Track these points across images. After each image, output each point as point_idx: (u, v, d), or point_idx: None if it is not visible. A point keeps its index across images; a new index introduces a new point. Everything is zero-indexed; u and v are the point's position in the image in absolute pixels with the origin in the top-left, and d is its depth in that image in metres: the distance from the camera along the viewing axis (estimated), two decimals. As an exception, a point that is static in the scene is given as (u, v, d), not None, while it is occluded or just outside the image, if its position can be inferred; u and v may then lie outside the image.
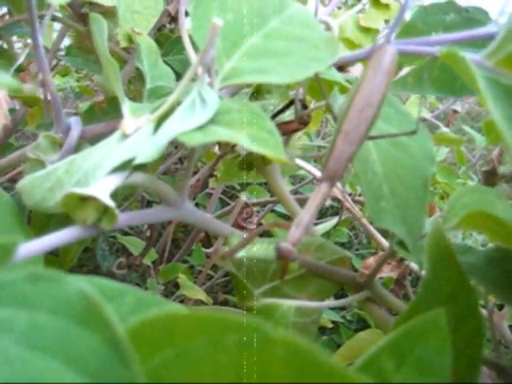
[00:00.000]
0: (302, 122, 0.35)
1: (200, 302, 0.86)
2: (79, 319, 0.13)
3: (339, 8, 0.94)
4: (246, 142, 0.21)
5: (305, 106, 0.36)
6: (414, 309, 0.25)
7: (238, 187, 1.10)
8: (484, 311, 0.39)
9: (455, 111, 1.01)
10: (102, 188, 0.22)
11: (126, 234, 1.00)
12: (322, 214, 1.17)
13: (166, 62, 0.58)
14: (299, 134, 0.41)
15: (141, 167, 0.23)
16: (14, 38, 0.75)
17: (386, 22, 0.89)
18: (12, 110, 0.69)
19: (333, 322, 0.92)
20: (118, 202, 0.30)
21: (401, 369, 0.20)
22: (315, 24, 0.29)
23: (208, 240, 1.03)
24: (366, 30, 0.92)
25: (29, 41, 0.69)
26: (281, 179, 0.36)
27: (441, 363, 0.20)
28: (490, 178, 0.35)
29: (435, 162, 0.32)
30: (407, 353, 0.20)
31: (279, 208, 0.97)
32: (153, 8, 0.44)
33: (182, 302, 0.87)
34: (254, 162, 0.35)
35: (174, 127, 0.22)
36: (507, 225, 0.24)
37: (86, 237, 0.23)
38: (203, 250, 0.95)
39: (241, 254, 0.28)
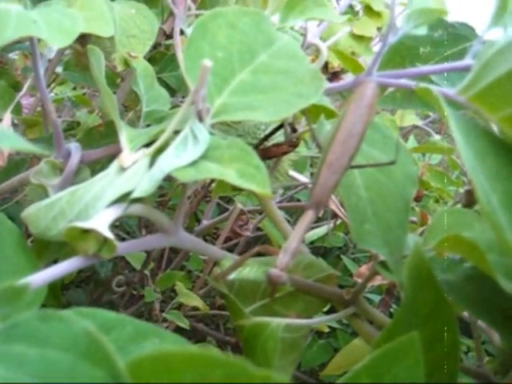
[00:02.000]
0: (292, 145, 0.37)
1: (198, 308, 0.88)
2: (84, 354, 0.15)
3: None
4: (233, 178, 0.23)
5: (294, 130, 0.37)
6: (393, 328, 0.26)
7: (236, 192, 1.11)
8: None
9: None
10: (102, 220, 0.24)
11: (123, 239, 1.01)
12: (318, 219, 1.19)
13: (161, 79, 0.60)
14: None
15: (140, 198, 0.25)
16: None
17: (379, 29, 0.91)
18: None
19: (329, 327, 0.93)
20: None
21: (378, 386, 0.21)
22: (301, 56, 0.31)
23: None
24: (360, 38, 0.94)
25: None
26: (271, 200, 0.38)
27: (415, 382, 0.22)
28: (471, 197, 0.37)
29: (417, 184, 0.33)
30: (384, 373, 0.21)
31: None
32: (148, 32, 0.46)
33: (179, 308, 0.89)
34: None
35: (168, 163, 0.24)
36: (479, 249, 0.26)
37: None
38: (200, 255, 0.96)
39: (232, 276, 0.30)
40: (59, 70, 0.80)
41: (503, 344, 0.36)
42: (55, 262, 0.31)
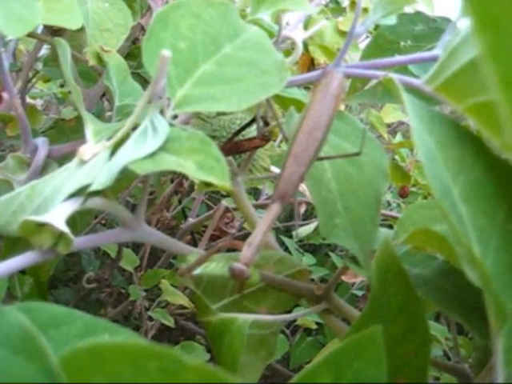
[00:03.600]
0: (264, 139, 0.36)
1: (184, 306, 0.87)
2: (19, 350, 0.14)
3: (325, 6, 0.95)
4: (192, 170, 0.22)
5: (266, 123, 0.37)
6: (361, 324, 0.26)
7: (224, 192, 1.11)
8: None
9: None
10: (58, 214, 0.23)
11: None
12: (308, 216, 1.19)
13: (139, 75, 0.59)
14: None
15: (100, 193, 0.24)
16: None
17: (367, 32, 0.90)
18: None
19: (317, 324, 0.93)
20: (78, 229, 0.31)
21: (339, 383, 0.21)
22: (269, 48, 0.30)
23: (194, 241, 1.04)
24: (345, 34, 0.94)
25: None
26: (245, 195, 0.37)
27: (377, 377, 0.21)
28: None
29: (388, 177, 0.33)
30: (345, 367, 0.21)
31: (261, 212, 0.98)
32: (122, 26, 0.45)
33: (165, 306, 0.88)
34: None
35: (126, 155, 0.23)
36: (448, 242, 0.26)
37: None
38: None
39: (198, 271, 0.29)
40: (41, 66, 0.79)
41: (476, 339, 0.36)
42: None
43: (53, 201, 0.25)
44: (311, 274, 0.34)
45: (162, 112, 0.25)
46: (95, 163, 0.25)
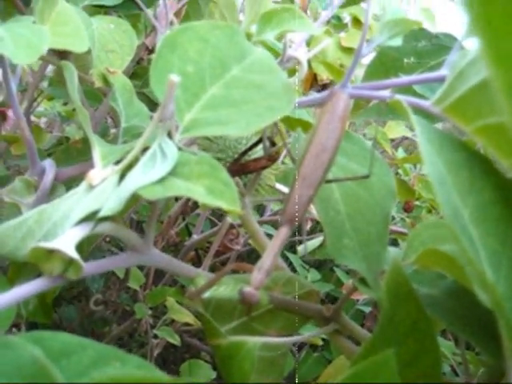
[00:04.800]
0: (271, 159, 0.36)
1: (190, 323, 0.87)
2: (31, 382, 0.14)
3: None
4: (202, 195, 0.22)
5: (273, 144, 0.37)
6: (372, 346, 0.26)
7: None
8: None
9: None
10: (67, 240, 0.23)
11: (115, 255, 1.00)
12: (311, 231, 1.18)
13: (144, 94, 0.59)
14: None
15: (108, 218, 0.24)
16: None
17: (368, 41, 0.91)
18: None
19: (323, 340, 0.92)
20: (85, 254, 0.31)
21: (352, 409, 0.21)
22: (275, 69, 0.30)
23: (198, 258, 1.04)
24: (348, 50, 0.94)
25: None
26: (251, 215, 0.37)
27: (390, 403, 0.21)
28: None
29: (396, 196, 0.33)
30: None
31: (266, 229, 0.98)
32: (127, 46, 0.45)
33: (172, 323, 0.88)
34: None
35: (136, 180, 0.23)
36: (458, 262, 0.25)
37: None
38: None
39: (207, 294, 0.29)
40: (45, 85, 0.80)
41: (485, 358, 0.35)
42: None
43: (62, 226, 0.25)
44: (319, 294, 0.34)
45: (169, 135, 0.25)
46: (104, 188, 0.25)
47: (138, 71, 0.58)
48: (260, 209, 1.08)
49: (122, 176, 0.25)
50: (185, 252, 0.94)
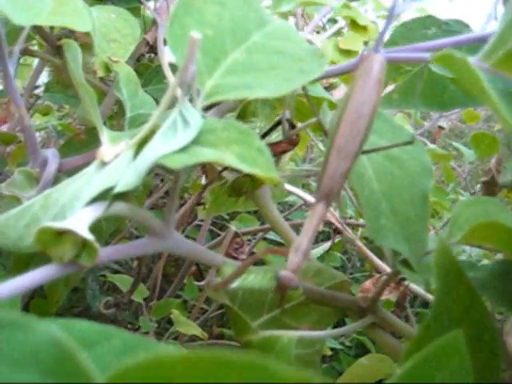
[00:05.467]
0: (291, 143, 0.34)
1: (195, 338, 0.83)
2: (52, 372, 0.11)
3: (317, 32, 0.94)
4: (234, 161, 0.19)
5: (293, 126, 0.34)
6: (427, 332, 0.23)
7: (228, 217, 1.08)
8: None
9: (441, 127, 1.01)
10: (79, 221, 0.20)
11: (116, 272, 0.97)
12: (315, 239, 1.15)
13: (146, 93, 0.56)
14: (287, 157, 0.39)
15: (123, 198, 0.21)
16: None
17: (365, 43, 0.89)
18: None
19: (332, 349, 0.89)
20: (104, 240, 0.29)
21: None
22: (298, 38, 0.28)
23: (200, 273, 1.01)
24: (346, 53, 0.92)
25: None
26: (272, 204, 0.34)
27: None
28: (490, 188, 0.34)
29: (433, 175, 0.30)
30: (427, 381, 0.18)
31: (271, 235, 0.95)
32: (130, 36, 0.43)
33: (176, 338, 0.85)
34: (242, 187, 0.33)
35: (155, 151, 0.20)
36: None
37: (69, 275, 0.21)
38: (195, 283, 0.93)
39: (235, 284, 0.26)
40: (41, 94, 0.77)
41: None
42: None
43: (72, 208, 0.22)
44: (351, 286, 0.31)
45: (191, 101, 0.22)
46: (118, 164, 0.22)
47: (140, 68, 0.56)
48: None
49: (138, 151, 0.23)
50: (186, 267, 0.90)
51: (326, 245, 0.84)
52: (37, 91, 0.83)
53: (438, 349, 0.18)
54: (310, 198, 0.49)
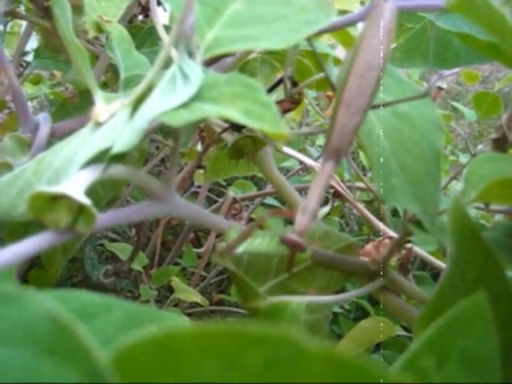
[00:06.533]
0: (294, 101, 0.32)
1: (195, 305, 0.83)
2: (49, 349, 0.10)
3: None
4: (238, 117, 0.18)
5: (295, 84, 0.32)
6: (442, 294, 0.22)
7: (225, 183, 1.07)
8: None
9: (440, 88, 0.99)
10: (75, 185, 0.19)
11: (114, 241, 0.97)
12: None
13: (140, 55, 0.54)
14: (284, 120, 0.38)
15: (121, 160, 0.20)
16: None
17: (362, 3, 0.86)
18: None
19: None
20: (102, 207, 0.27)
21: (443, 366, 0.17)
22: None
23: (198, 240, 1.00)
24: (342, 13, 0.89)
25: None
26: (274, 166, 0.33)
27: (487, 354, 0.17)
28: (500, 145, 0.33)
29: (443, 131, 0.29)
30: (449, 348, 0.17)
31: (269, 201, 0.94)
32: (121, -7, 0.41)
33: (176, 305, 0.84)
34: (244, 149, 0.32)
35: (154, 108, 0.19)
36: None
37: (66, 244, 0.20)
38: (194, 250, 0.92)
39: (241, 249, 0.25)
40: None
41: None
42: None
43: (66, 172, 0.21)
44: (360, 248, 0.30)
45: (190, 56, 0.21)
46: (114, 124, 0.21)
47: (132, 30, 0.53)
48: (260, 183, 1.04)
49: (134, 110, 0.21)
50: (184, 234, 0.90)
51: (325, 209, 0.83)
52: (26, 58, 0.81)
53: (459, 313, 0.17)
54: (310, 162, 0.47)
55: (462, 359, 0.17)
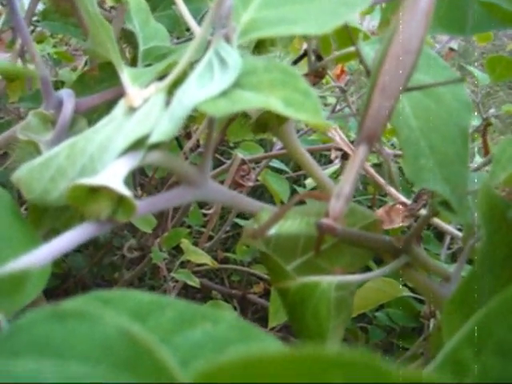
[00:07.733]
0: (318, 75, 0.32)
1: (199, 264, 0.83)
2: (125, 365, 0.10)
3: None
4: (279, 106, 0.18)
5: (319, 57, 0.32)
6: (473, 276, 0.22)
7: (232, 145, 1.06)
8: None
9: (452, 49, 0.97)
10: (114, 175, 0.19)
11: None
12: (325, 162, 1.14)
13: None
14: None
15: (158, 147, 0.20)
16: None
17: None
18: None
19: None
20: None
21: (480, 355, 0.17)
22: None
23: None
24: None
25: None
26: (298, 141, 0.33)
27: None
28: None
29: (472, 110, 0.28)
30: (486, 337, 0.17)
31: (274, 163, 0.94)
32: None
33: (183, 266, 0.85)
34: (267, 123, 0.32)
35: (192, 95, 0.19)
36: None
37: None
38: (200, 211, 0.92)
39: (272, 231, 0.25)
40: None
41: None
42: (54, 230, 0.26)
43: (101, 159, 0.21)
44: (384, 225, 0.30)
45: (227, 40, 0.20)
46: (149, 110, 0.20)
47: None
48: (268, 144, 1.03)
49: (169, 95, 0.21)
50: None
51: (329, 169, 0.83)
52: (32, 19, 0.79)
53: (499, 304, 0.17)
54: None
55: (498, 349, 0.17)
